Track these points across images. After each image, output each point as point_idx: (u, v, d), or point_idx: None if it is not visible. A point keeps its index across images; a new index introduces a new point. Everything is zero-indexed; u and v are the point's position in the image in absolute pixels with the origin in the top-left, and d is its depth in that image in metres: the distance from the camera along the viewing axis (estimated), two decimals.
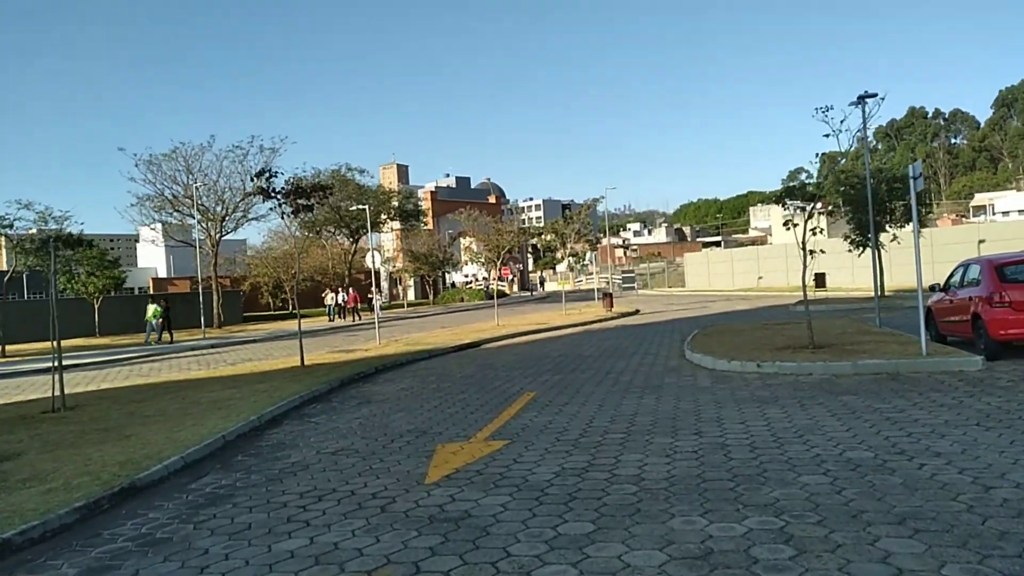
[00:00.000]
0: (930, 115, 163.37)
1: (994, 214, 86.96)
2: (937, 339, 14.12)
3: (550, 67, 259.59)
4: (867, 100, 16.68)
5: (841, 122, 13.55)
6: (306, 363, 18.36)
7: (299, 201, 17.40)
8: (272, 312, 57.65)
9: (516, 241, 29.97)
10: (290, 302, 55.10)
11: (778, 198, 14.96)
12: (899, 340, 13.86)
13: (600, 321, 28.89)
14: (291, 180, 18.08)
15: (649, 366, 13.84)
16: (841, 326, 17.13)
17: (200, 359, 23.01)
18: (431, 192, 78.40)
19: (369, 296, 41.72)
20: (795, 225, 13.69)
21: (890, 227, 27.54)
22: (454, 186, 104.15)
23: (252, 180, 17.78)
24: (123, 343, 31.72)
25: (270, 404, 11.64)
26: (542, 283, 70.43)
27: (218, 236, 38.84)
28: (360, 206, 40.86)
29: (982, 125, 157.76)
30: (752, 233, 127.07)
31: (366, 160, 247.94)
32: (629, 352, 16.63)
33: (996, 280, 11.42)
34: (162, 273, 78.97)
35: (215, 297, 38.70)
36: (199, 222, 38.53)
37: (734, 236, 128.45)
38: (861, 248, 27.58)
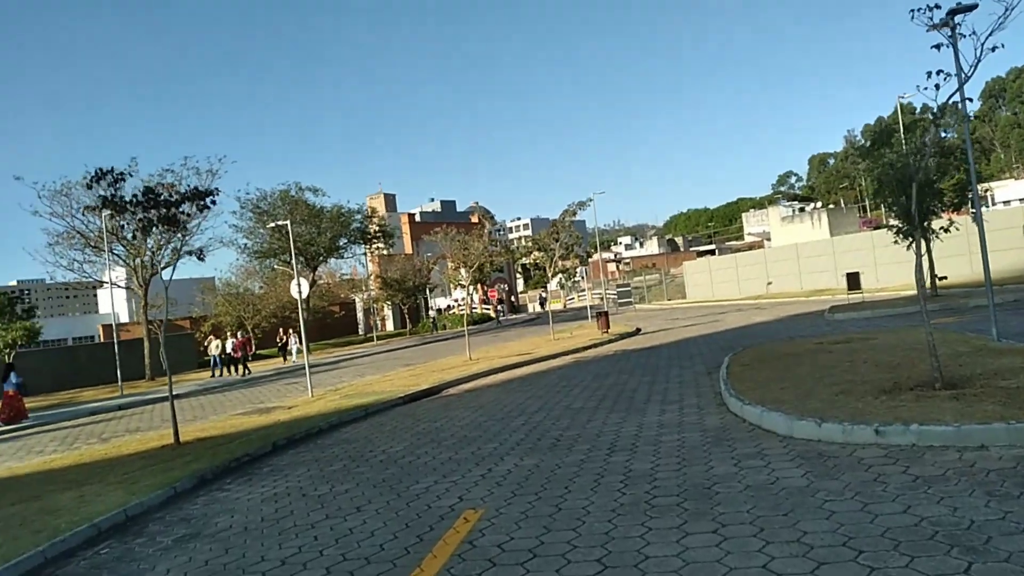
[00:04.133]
0: (918, 110, 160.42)
1: (994, 203, 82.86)
2: None
3: (538, 89, 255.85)
4: (958, 14, 11.68)
5: (956, 26, 8.56)
6: (190, 436, 13.35)
7: (152, 213, 12.29)
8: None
9: (487, 255, 24.85)
10: (252, 343, 49.73)
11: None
12: None
13: (595, 346, 23.72)
14: (154, 187, 13.03)
15: (676, 431, 8.63)
16: (943, 343, 11.94)
17: (74, 432, 17.68)
18: (408, 215, 73.42)
19: (280, 339, 35.60)
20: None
21: (942, 212, 22.54)
22: (439, 210, 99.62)
23: (89, 187, 12.78)
24: None
25: (12, 554, 6.47)
26: (543, 303, 64.76)
27: (149, 274, 33.52)
28: (313, 228, 35.79)
29: (972, 117, 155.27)
30: (748, 239, 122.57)
31: (353, 192, 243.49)
32: (639, 399, 11.43)
33: None
34: (124, 319, 73.64)
35: (145, 344, 33.35)
36: (125, 260, 33.23)
37: (728, 243, 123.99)
38: (909, 239, 22.51)
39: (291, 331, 35.84)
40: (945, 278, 27.57)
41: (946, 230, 21.70)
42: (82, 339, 68.98)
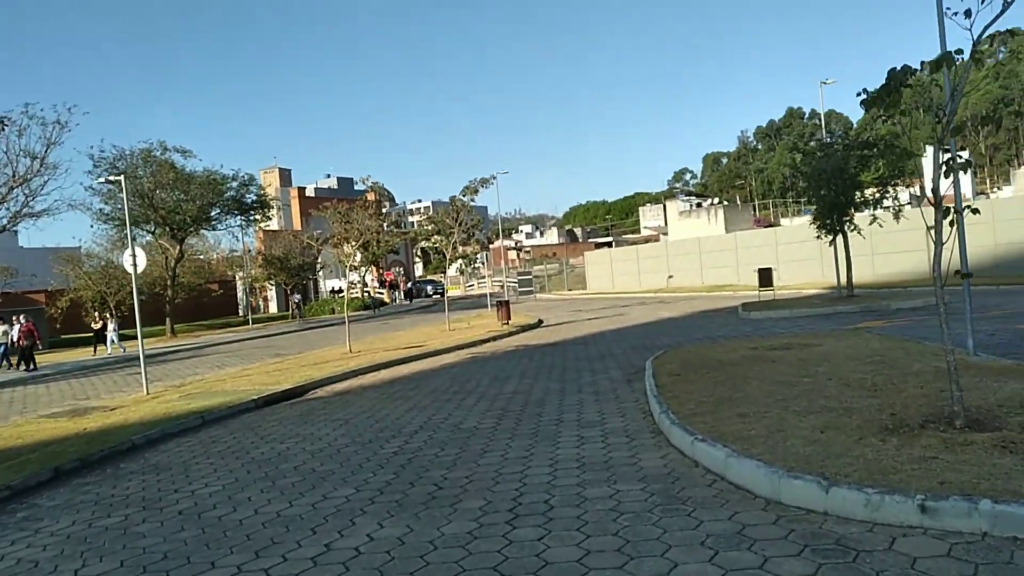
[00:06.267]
0: (807, 115, 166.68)
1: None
2: None
3: (443, 73, 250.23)
4: None
5: None
6: None
7: None
8: (88, 335, 47.11)
9: (373, 232, 21.93)
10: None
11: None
12: None
13: (494, 339, 21.24)
14: None
15: (606, 478, 6.16)
16: (908, 355, 10.00)
17: None
18: (299, 188, 68.95)
19: (96, 323, 29.56)
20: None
21: (865, 207, 21.14)
22: (335, 187, 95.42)
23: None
24: None
25: None
26: (439, 292, 60.95)
27: None
28: (180, 194, 31.62)
29: (855, 125, 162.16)
30: (644, 232, 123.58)
31: (246, 165, 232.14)
32: (548, 417, 8.96)
33: None
34: None
35: None
36: None
37: (624, 236, 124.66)
38: (831, 235, 21.09)
39: (108, 314, 30.37)
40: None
41: (876, 220, 20.37)
42: None
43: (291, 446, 8.73)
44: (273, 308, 58.89)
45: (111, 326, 28.56)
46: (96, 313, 31.01)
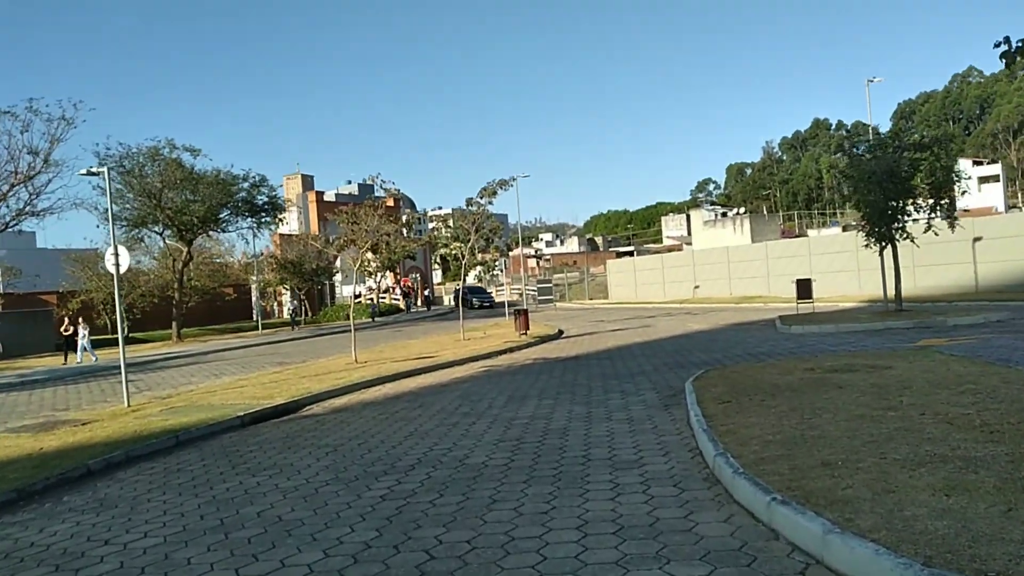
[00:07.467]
0: (833, 127, 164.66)
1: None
2: None
3: (466, 82, 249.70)
4: None
5: None
6: None
7: None
8: (103, 336, 46.00)
9: (382, 235, 20.48)
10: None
11: None
12: None
13: (511, 351, 19.73)
14: None
15: (655, 554, 4.63)
16: (1008, 384, 8.31)
17: None
18: (317, 192, 67.87)
19: (66, 330, 27.22)
20: None
21: (917, 212, 19.45)
22: (355, 193, 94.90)
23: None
24: None
25: None
26: (485, 304, 57.15)
27: None
28: (188, 194, 30.45)
29: (883, 136, 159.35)
30: (666, 242, 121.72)
31: (270, 171, 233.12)
32: (573, 454, 7.41)
33: None
34: None
35: None
36: None
37: (646, 245, 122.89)
38: (879, 243, 19.35)
39: (80, 320, 27.59)
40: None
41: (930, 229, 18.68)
42: None
43: (263, 481, 7.26)
44: (287, 313, 57.78)
45: (82, 332, 26.49)
46: (67, 319, 28.47)
